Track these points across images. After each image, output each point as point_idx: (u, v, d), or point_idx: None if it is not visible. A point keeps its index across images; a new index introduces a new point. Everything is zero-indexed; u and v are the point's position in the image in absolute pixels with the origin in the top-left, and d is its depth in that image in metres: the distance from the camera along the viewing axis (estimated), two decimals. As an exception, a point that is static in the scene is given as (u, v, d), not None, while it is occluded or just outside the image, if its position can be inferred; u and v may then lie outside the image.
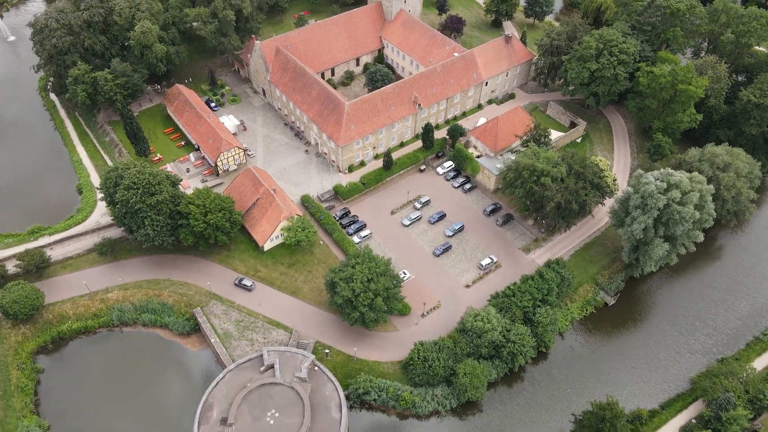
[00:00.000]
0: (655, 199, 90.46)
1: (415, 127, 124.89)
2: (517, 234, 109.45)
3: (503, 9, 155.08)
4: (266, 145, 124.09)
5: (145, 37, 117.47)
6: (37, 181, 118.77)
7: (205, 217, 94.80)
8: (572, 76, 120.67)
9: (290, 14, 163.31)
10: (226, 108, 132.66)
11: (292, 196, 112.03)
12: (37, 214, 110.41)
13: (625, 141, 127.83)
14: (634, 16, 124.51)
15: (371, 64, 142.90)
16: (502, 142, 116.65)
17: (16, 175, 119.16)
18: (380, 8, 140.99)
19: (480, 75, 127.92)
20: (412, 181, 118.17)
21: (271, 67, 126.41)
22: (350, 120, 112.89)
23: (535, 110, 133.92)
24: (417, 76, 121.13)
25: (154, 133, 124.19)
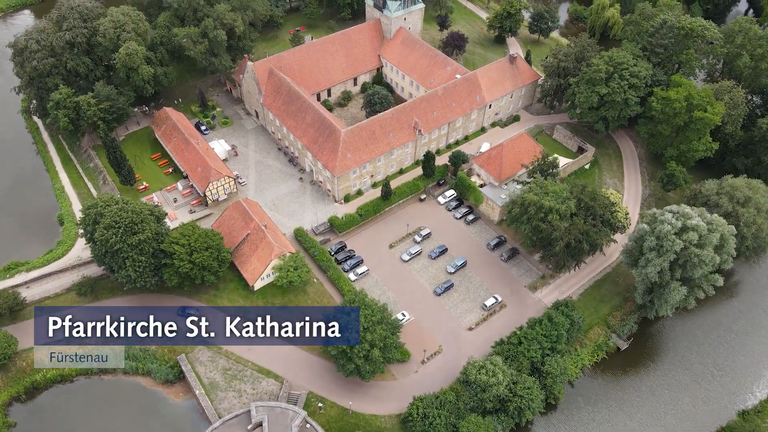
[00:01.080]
0: (671, 242, 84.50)
1: (416, 153, 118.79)
2: (523, 270, 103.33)
3: (507, 25, 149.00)
4: (258, 172, 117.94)
5: (131, 59, 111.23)
6: (17, 210, 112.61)
7: (190, 256, 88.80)
8: (580, 100, 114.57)
9: (285, 29, 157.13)
10: (217, 131, 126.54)
11: (285, 229, 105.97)
12: (14, 247, 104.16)
13: (636, 167, 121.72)
14: (645, 37, 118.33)
15: (369, 84, 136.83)
16: (507, 171, 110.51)
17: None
18: (379, 26, 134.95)
19: (483, 98, 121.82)
20: (411, 211, 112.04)
21: (264, 90, 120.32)
22: (346, 148, 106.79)
23: (541, 134, 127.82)
24: (417, 100, 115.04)
25: (141, 159, 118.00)
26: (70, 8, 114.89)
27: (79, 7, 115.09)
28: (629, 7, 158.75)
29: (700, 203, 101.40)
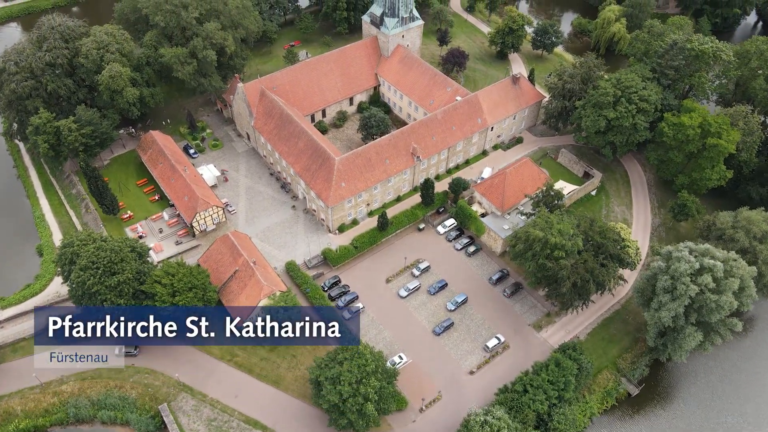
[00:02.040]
0: (685, 285, 79.00)
1: (414, 180, 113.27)
2: (527, 307, 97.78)
3: (509, 41, 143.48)
4: (249, 199, 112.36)
5: (114, 81, 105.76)
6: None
7: (173, 298, 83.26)
8: (587, 124, 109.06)
9: (279, 45, 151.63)
10: (207, 154, 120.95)
11: (276, 262, 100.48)
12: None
13: (645, 194, 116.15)
14: (654, 58, 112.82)
15: (366, 104, 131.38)
16: (510, 200, 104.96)
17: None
18: (376, 43, 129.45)
19: (485, 120, 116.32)
20: (409, 241, 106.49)
21: (255, 112, 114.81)
22: (341, 177, 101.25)
23: (545, 157, 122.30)
24: (416, 125, 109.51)
25: (126, 186, 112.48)
26: (50, 28, 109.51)
27: (60, 26, 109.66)
28: (635, 22, 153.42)
29: (715, 237, 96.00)
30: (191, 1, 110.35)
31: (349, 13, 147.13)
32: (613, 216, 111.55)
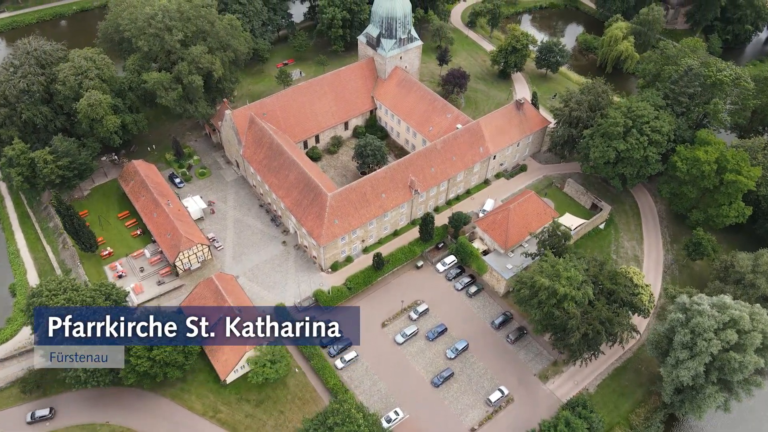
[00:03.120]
0: (707, 342, 72.70)
1: (412, 213, 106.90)
2: (532, 354, 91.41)
3: (512, 61, 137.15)
4: (237, 234, 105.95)
5: (93, 110, 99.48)
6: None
7: (150, 352, 77.01)
8: (595, 155, 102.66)
9: (272, 63, 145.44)
10: (194, 184, 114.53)
11: (265, 303, 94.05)
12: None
13: (656, 228, 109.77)
14: (668, 84, 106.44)
15: (362, 128, 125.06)
16: (514, 238, 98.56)
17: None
18: (372, 65, 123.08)
19: (487, 149, 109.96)
20: (407, 280, 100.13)
21: (244, 140, 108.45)
22: (334, 213, 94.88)
23: (550, 187, 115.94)
24: (413, 156, 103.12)
25: (106, 219, 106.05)
26: (26, 53, 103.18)
27: (36, 51, 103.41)
28: (644, 39, 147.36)
29: (733, 281, 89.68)
30: (176, 24, 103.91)
31: (345, 30, 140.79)
32: (623, 252, 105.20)
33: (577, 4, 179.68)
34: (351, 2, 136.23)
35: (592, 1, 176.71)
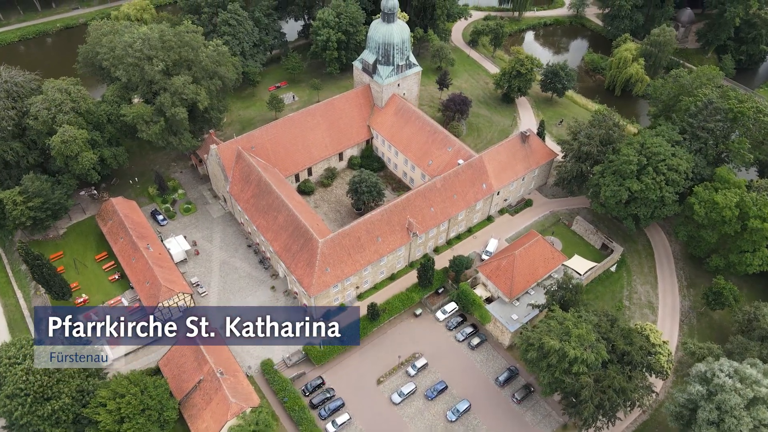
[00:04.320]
0: (737, 420, 65.68)
1: (410, 255, 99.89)
2: (540, 416, 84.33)
3: (516, 85, 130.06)
4: (223, 277, 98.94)
5: (68, 147, 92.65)
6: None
7: (120, 425, 70.13)
8: (607, 194, 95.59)
9: (264, 86, 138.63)
10: (178, 221, 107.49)
11: (251, 359, 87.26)
12: None
13: (672, 270, 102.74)
14: (685, 118, 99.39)
15: (357, 158, 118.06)
16: (520, 285, 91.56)
17: None
18: (368, 92, 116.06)
19: (491, 186, 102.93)
20: (404, 330, 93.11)
21: (231, 176, 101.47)
22: (325, 261, 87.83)
23: (558, 224, 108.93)
24: (412, 196, 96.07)
25: (82, 262, 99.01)
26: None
27: (7, 83, 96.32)
28: (654, 61, 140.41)
29: (757, 336, 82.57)
30: (157, 53, 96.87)
31: (340, 52, 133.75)
32: (637, 298, 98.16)
33: (583, 20, 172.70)
34: (347, 24, 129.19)
35: (599, 18, 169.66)
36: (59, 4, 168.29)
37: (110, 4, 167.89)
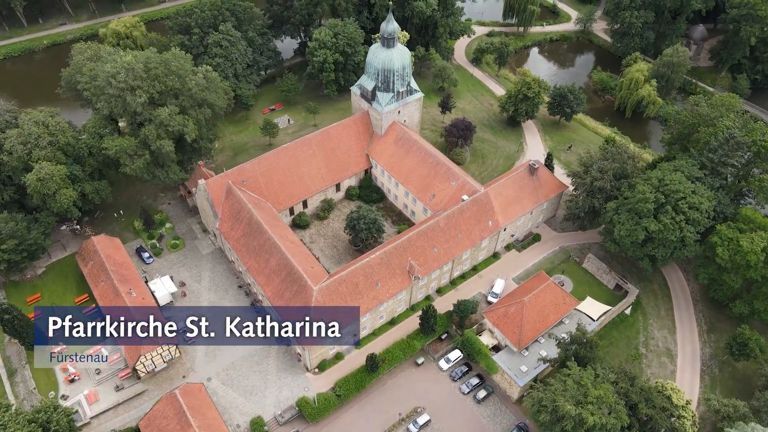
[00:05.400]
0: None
1: (411, 298, 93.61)
2: (553, 480, 77.97)
3: (522, 108, 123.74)
4: (212, 322, 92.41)
5: (44, 185, 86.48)
6: None
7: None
8: (621, 233, 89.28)
9: (258, 109, 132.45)
10: (165, 258, 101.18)
11: (241, 416, 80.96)
12: None
13: (690, 313, 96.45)
14: (705, 152, 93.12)
15: (355, 189, 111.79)
16: (529, 335, 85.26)
17: None
18: (367, 119, 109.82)
19: (497, 222, 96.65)
20: (405, 380, 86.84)
21: (221, 213, 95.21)
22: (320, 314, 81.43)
23: (568, 261, 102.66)
24: (414, 237, 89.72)
25: (61, 306, 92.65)
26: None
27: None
28: (667, 82, 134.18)
29: (787, 392, 76.48)
30: (140, 83, 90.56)
31: (338, 74, 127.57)
32: (654, 345, 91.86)
33: (591, 36, 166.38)
34: (344, 44, 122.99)
35: (607, 34, 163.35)
36: (46, 19, 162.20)
37: (99, 19, 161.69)
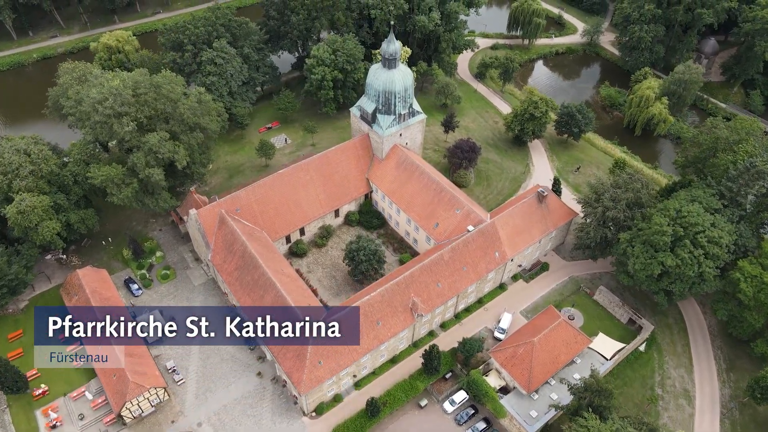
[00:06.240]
0: None
1: (413, 335, 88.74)
2: None
3: (529, 128, 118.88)
4: (203, 360, 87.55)
5: (25, 217, 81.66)
6: None
7: None
8: (636, 267, 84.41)
9: (254, 127, 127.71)
10: (154, 289, 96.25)
11: (232, 465, 76.11)
12: None
13: (708, 349, 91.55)
14: (724, 181, 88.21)
15: (355, 214, 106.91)
16: (539, 377, 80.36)
17: None
18: (367, 142, 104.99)
19: (504, 254, 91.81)
20: (408, 425, 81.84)
21: (213, 244, 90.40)
22: (318, 354, 76.70)
23: (578, 292, 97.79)
24: (416, 272, 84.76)
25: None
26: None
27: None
28: (678, 100, 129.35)
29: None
30: (129, 109, 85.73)
31: (337, 92, 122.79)
32: (670, 385, 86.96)
33: (598, 49, 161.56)
34: (344, 61, 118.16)
35: (614, 46, 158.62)
36: (36, 32, 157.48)
37: (91, 31, 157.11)
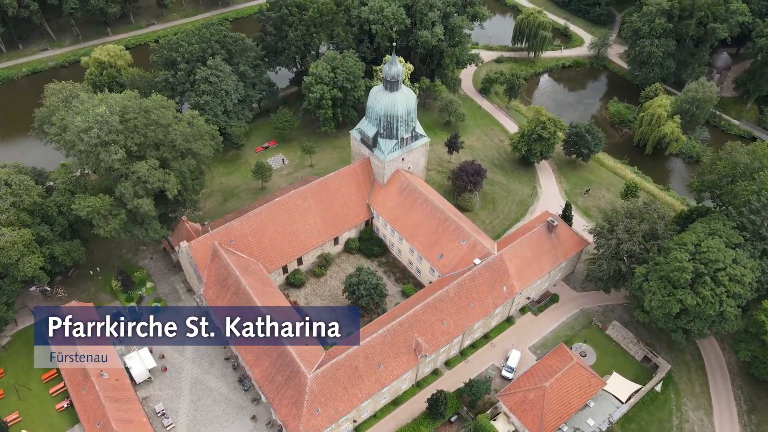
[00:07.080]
0: None
1: (417, 375, 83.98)
2: None
3: (537, 149, 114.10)
4: (194, 402, 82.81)
5: (5, 253, 76.94)
6: None
7: None
8: (653, 304, 79.67)
9: (250, 146, 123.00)
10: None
11: None
12: None
13: (728, 389, 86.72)
14: (746, 213, 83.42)
15: (355, 241, 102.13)
16: (551, 424, 75.60)
17: None
18: (367, 166, 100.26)
19: (512, 288, 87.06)
20: (411, 474, 77.34)
21: (206, 277, 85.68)
22: (316, 400, 71.89)
23: (590, 326, 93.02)
24: (420, 311, 79.96)
25: (26, 385, 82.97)
26: None
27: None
28: (691, 118, 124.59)
29: None
30: (117, 136, 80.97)
31: (336, 110, 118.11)
32: (689, 428, 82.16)
33: (606, 62, 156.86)
34: (343, 79, 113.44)
35: (623, 59, 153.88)
36: (27, 44, 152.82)
37: (83, 44, 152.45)
